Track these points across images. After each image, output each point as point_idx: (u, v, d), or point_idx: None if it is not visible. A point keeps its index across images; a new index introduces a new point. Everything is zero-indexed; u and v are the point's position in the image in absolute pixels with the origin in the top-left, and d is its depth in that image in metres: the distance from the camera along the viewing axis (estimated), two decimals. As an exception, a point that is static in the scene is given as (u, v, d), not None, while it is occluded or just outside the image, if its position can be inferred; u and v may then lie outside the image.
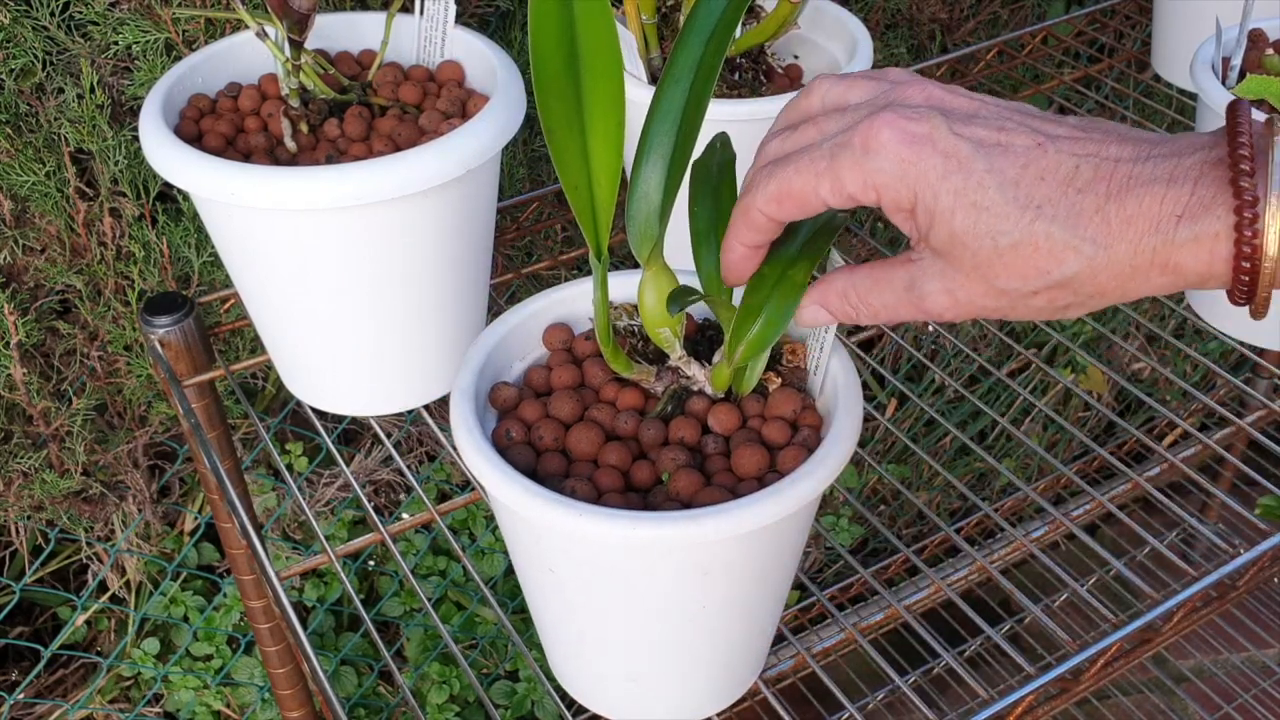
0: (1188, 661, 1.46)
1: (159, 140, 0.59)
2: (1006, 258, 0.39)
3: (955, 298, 0.41)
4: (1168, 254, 0.37)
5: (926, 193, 0.39)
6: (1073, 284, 0.39)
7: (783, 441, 0.48)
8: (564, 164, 0.45)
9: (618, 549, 0.44)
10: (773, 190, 0.42)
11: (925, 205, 0.40)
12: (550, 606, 0.50)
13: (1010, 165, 0.39)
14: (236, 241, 0.61)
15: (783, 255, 0.46)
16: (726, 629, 0.49)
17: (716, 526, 0.42)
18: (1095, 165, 0.38)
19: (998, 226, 0.39)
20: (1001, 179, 0.39)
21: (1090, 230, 0.38)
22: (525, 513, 0.44)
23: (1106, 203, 0.38)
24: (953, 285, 0.41)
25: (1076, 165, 0.38)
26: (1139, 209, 0.37)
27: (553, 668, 0.55)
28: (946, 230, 0.39)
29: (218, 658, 1.14)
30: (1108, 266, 0.38)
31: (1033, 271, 0.39)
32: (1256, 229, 0.36)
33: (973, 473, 1.50)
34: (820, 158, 0.41)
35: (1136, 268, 0.38)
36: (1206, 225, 0.37)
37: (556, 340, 0.53)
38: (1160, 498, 0.69)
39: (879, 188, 0.40)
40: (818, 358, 0.50)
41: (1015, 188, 0.38)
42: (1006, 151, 0.39)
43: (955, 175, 0.39)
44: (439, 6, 0.66)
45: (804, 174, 0.41)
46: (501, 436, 0.49)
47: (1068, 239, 0.38)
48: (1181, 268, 0.37)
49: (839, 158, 0.40)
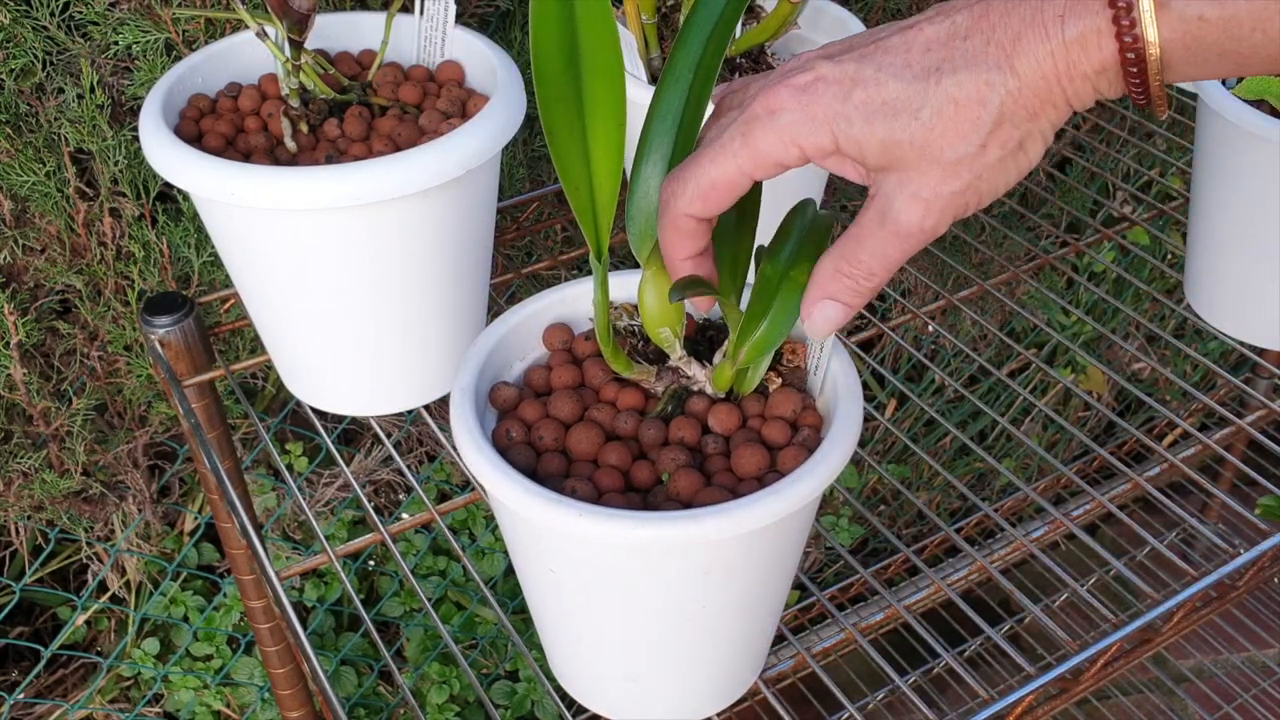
0: (1188, 661, 1.46)
1: (159, 140, 0.59)
2: (937, 127, 0.39)
3: (922, 198, 0.41)
4: (1065, 57, 0.38)
5: (840, 122, 0.40)
6: (1005, 116, 0.39)
7: (783, 441, 0.48)
8: (564, 164, 0.45)
9: (618, 549, 0.44)
10: (692, 190, 0.43)
11: (845, 133, 0.40)
12: (550, 607, 0.50)
13: (894, 56, 0.40)
14: (236, 241, 0.61)
15: (780, 257, 0.46)
16: (727, 629, 0.49)
17: (717, 526, 0.42)
18: (969, 11, 0.40)
19: (913, 106, 0.39)
20: (893, 69, 0.40)
21: (990, 60, 0.39)
22: (525, 513, 0.44)
23: (993, 33, 0.39)
24: (914, 188, 0.41)
25: (952, 22, 0.40)
26: (1023, 23, 0.38)
27: (553, 668, 0.55)
28: (875, 141, 0.40)
29: (218, 658, 1.14)
30: (1022, 85, 0.39)
31: (967, 125, 0.39)
32: (1132, 18, 0.37)
33: (973, 473, 1.50)
34: (731, 139, 0.42)
35: (1046, 77, 0.39)
36: (1088, 22, 0.38)
37: (556, 340, 0.53)
38: (1160, 498, 0.69)
39: (797, 141, 0.41)
40: (817, 358, 0.50)
41: (909, 69, 0.40)
42: (886, 49, 0.41)
43: (855, 91, 0.40)
44: (439, 6, 0.66)
45: (720, 160, 0.42)
46: (502, 436, 0.49)
47: (975, 79, 0.39)
48: (1081, 68, 0.38)
49: (750, 132, 0.42)
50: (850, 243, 0.43)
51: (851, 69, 0.40)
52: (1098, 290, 0.85)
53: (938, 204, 0.41)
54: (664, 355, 0.51)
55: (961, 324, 1.38)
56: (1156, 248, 1.33)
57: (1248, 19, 0.36)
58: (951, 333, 1.27)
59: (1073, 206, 1.10)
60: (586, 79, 0.44)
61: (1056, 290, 1.37)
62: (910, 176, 0.41)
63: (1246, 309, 0.77)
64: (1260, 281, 0.75)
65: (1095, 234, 0.90)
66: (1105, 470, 1.52)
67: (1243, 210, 0.73)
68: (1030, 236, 1.31)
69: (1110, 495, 0.71)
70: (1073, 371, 1.46)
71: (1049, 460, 0.69)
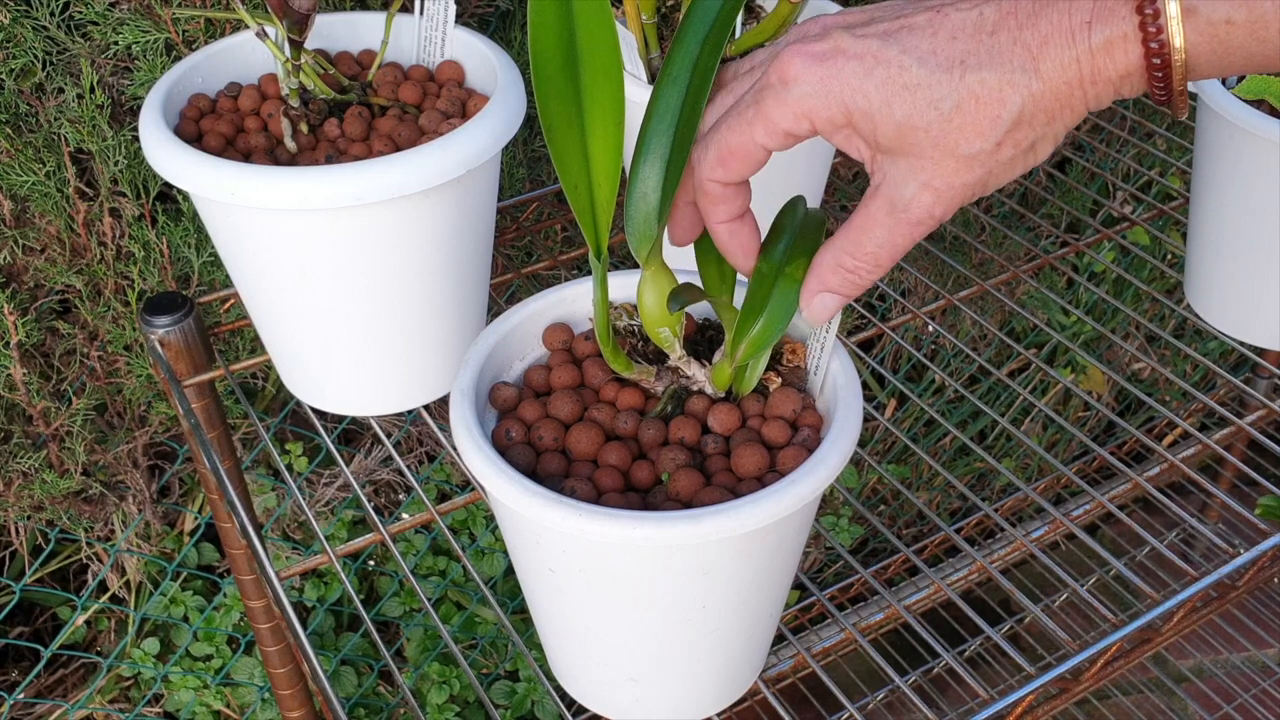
0: (1188, 661, 1.46)
1: (159, 140, 0.59)
2: (956, 120, 0.39)
3: (934, 187, 0.41)
4: (1091, 63, 0.38)
5: (856, 98, 0.40)
6: (1024, 118, 0.39)
7: (783, 441, 0.48)
8: (564, 164, 0.45)
9: (617, 549, 0.44)
10: (713, 156, 0.43)
11: (860, 110, 0.40)
12: (550, 607, 0.50)
13: (920, 40, 0.40)
14: (236, 242, 0.61)
15: (775, 254, 0.47)
16: (727, 629, 0.49)
17: (717, 526, 0.42)
18: (997, 6, 0.39)
19: (934, 95, 0.39)
20: (919, 54, 0.39)
21: (1015, 61, 0.39)
22: (525, 512, 0.44)
23: (1020, 32, 0.39)
24: (926, 177, 0.41)
25: (980, 13, 0.39)
26: (1051, 27, 0.38)
27: (553, 668, 0.55)
28: (891, 123, 0.40)
29: (218, 658, 1.14)
30: (1044, 89, 0.39)
31: (986, 122, 0.39)
32: (1159, 24, 0.37)
33: (973, 473, 1.50)
34: (746, 107, 0.42)
35: (1069, 82, 0.39)
36: (1115, 28, 0.38)
37: (556, 340, 0.53)
38: (1160, 498, 0.69)
39: (809, 113, 0.41)
40: (818, 358, 0.50)
41: (934, 56, 0.39)
42: (912, 30, 0.40)
43: (876, 70, 0.40)
44: (439, 6, 0.66)
45: (735, 128, 0.42)
46: (501, 436, 0.49)
47: (999, 77, 0.39)
48: (1106, 73, 0.38)
49: (762, 101, 0.42)
50: (855, 233, 0.43)
51: (875, 46, 0.40)
52: (1098, 290, 0.85)
53: (948, 194, 0.41)
54: (663, 355, 0.51)
55: (961, 324, 1.38)
56: (1156, 248, 1.33)
57: (1275, 20, 0.36)
58: (951, 333, 1.27)
59: (1073, 206, 1.10)
60: (586, 79, 0.44)
61: (1056, 290, 1.37)
62: (923, 165, 0.40)
63: (1246, 309, 0.77)
64: (1260, 281, 0.75)
65: (1095, 234, 0.90)
66: (1105, 470, 1.52)
67: (1243, 210, 0.73)
68: (1030, 236, 1.31)
69: (1110, 495, 0.71)
70: (1073, 371, 1.46)
71: (1049, 460, 0.69)
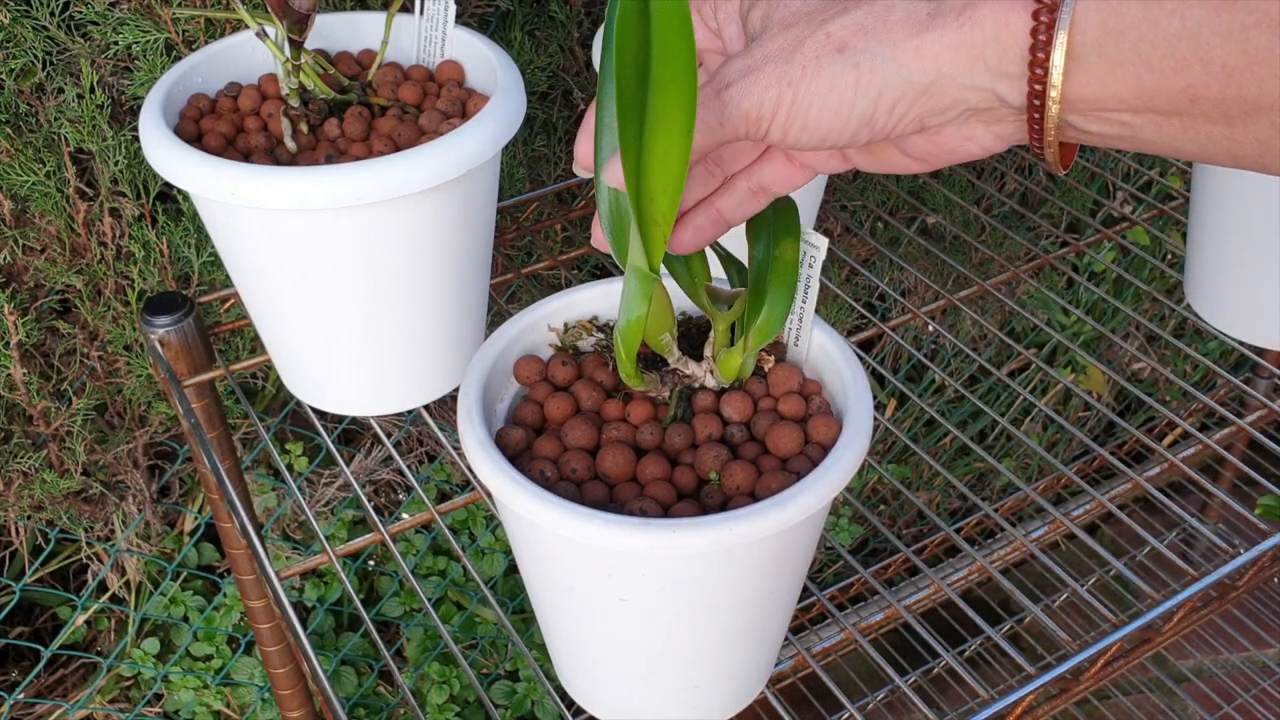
0: (1188, 661, 1.46)
1: (159, 140, 0.59)
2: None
3: None
4: None
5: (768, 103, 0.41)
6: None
7: (802, 413, 0.48)
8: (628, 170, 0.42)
9: (704, 557, 0.43)
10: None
11: None
12: (598, 628, 0.49)
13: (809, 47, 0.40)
14: (236, 241, 0.61)
15: (762, 240, 0.47)
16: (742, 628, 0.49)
17: (803, 504, 0.43)
18: None
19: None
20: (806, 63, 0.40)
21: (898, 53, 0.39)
22: (594, 542, 0.42)
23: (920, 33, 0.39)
24: None
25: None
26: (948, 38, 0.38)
27: (560, 677, 0.55)
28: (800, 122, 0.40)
29: (218, 658, 1.14)
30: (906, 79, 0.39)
31: None
32: None
33: (973, 473, 1.50)
34: None
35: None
36: None
37: (531, 373, 0.51)
38: (1160, 498, 0.69)
39: None
40: (796, 330, 0.51)
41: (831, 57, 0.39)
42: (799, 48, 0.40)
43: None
44: (439, 6, 0.66)
45: None
46: (537, 479, 0.47)
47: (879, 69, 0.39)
48: None
49: None
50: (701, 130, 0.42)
51: None
52: (1098, 290, 0.85)
53: None
54: (657, 361, 0.50)
55: (961, 324, 1.38)
56: (1156, 248, 1.33)
57: None
58: (951, 333, 1.27)
59: (1073, 206, 1.10)
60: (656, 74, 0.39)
61: (1056, 290, 1.37)
62: None
63: (1246, 309, 0.77)
64: (1260, 281, 0.75)
65: (1095, 234, 0.90)
66: (1105, 470, 1.52)
67: (1243, 210, 0.73)
68: (1030, 236, 1.31)
69: (1110, 495, 0.71)
70: (1073, 371, 1.46)
71: (1049, 460, 0.69)
